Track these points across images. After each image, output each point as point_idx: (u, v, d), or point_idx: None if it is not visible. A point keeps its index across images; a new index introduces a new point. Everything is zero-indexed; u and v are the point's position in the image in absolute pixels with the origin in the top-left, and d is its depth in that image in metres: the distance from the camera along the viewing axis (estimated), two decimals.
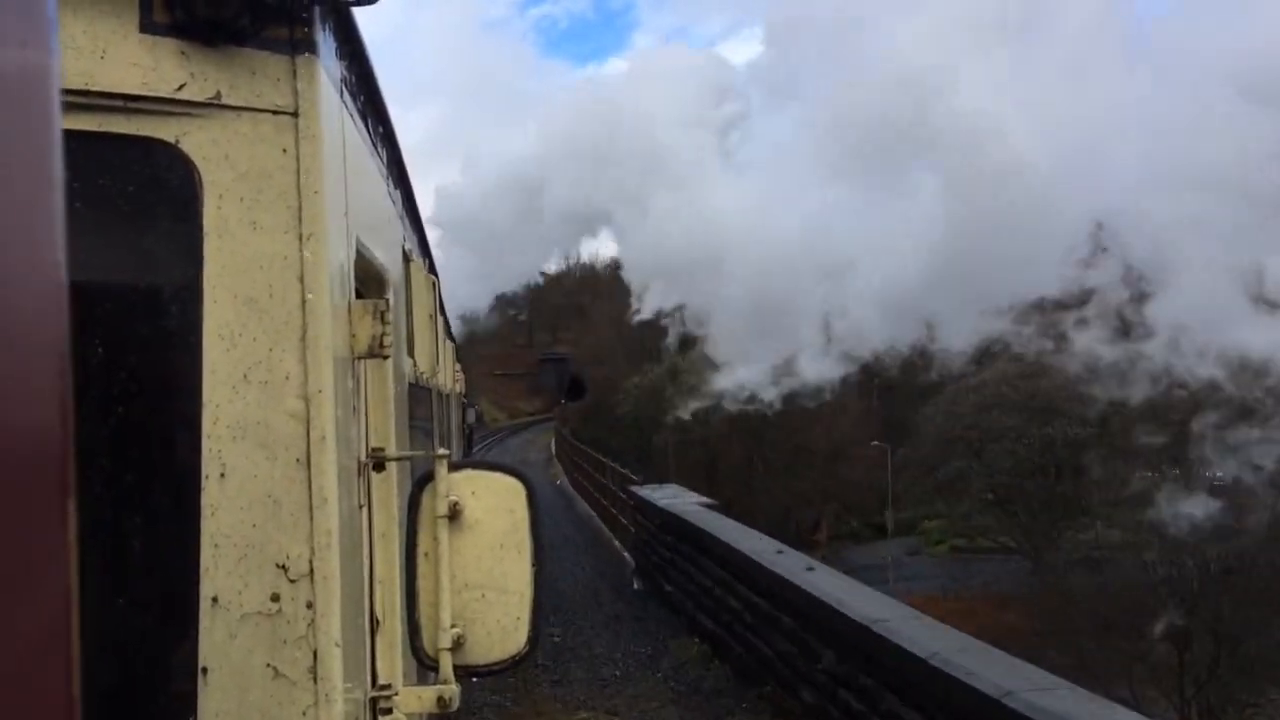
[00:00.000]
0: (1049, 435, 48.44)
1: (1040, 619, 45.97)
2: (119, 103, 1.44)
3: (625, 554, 18.28)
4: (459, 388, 12.07)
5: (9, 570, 0.46)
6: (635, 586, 15.22)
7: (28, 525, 0.47)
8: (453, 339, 11.97)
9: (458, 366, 12.50)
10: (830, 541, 63.02)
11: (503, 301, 76.92)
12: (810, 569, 8.23)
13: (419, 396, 3.73)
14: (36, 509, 0.48)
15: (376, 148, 2.38)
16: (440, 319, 5.64)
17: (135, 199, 1.47)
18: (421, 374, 3.86)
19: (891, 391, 77.61)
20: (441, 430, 5.88)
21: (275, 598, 1.46)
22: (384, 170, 2.60)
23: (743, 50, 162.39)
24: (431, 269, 5.20)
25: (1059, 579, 49.18)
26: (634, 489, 16.09)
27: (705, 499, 13.82)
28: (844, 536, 63.88)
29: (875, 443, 62.70)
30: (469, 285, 67.66)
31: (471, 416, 17.99)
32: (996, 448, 49.28)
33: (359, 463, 1.79)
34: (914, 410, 68.99)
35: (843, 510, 67.23)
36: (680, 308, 63.30)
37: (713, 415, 66.15)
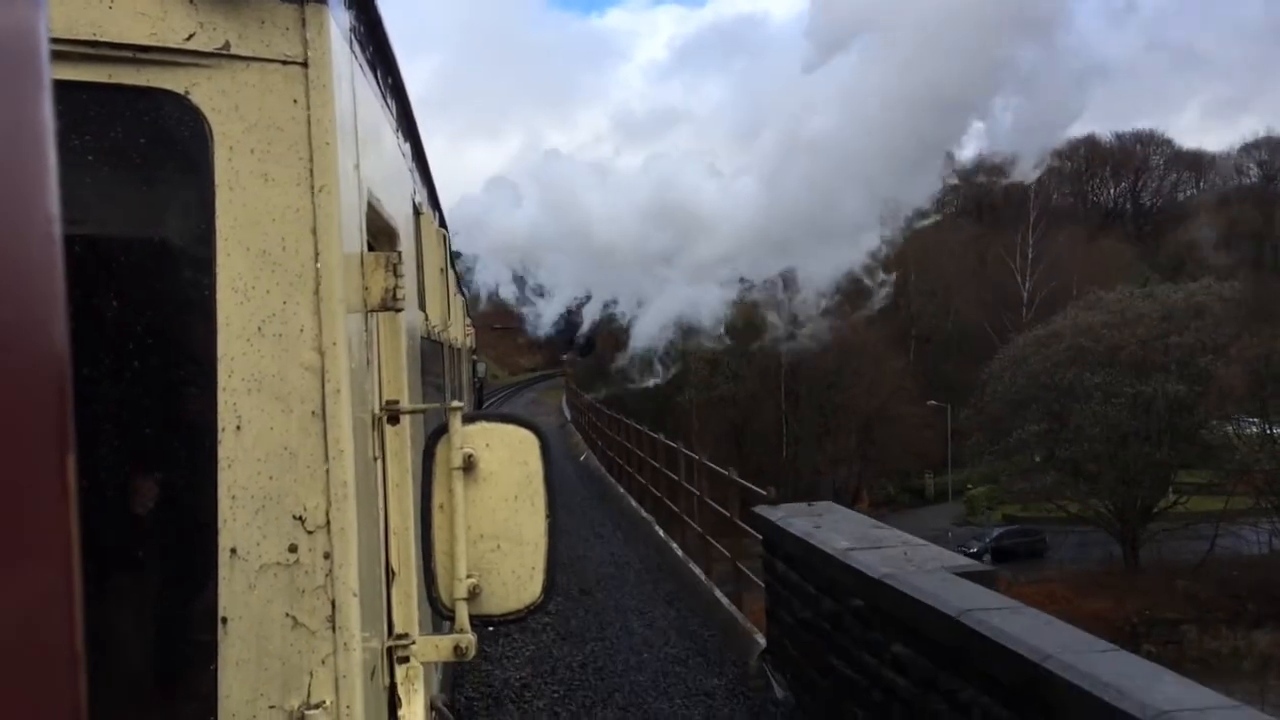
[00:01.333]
0: (1148, 394, 42.77)
1: (1134, 604, 40.99)
2: (128, 53, 1.49)
3: (724, 601, 11.47)
4: (470, 342, 11.70)
5: (4, 528, 0.48)
6: (779, 695, 8.54)
7: (23, 482, 0.49)
8: (464, 293, 11.68)
9: (468, 321, 12.28)
10: (870, 509, 59.29)
11: None
12: None
13: (431, 351, 3.76)
14: (33, 465, 0.50)
15: (386, 99, 2.43)
16: (451, 272, 5.78)
17: (146, 151, 1.53)
18: (433, 328, 3.94)
19: (929, 345, 70.82)
20: (453, 385, 5.91)
21: (293, 548, 1.52)
22: (394, 122, 2.66)
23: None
24: (442, 222, 5.19)
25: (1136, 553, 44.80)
26: (767, 514, 9.20)
27: (973, 562, 7.14)
28: (879, 503, 59.90)
29: (931, 402, 57.21)
30: None
31: (482, 371, 17.57)
32: (1083, 409, 43.91)
33: (373, 415, 1.89)
34: (958, 364, 62.51)
35: (878, 474, 63.64)
36: None
37: (744, 370, 58.46)
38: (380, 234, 2.24)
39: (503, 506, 1.96)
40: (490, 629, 2.27)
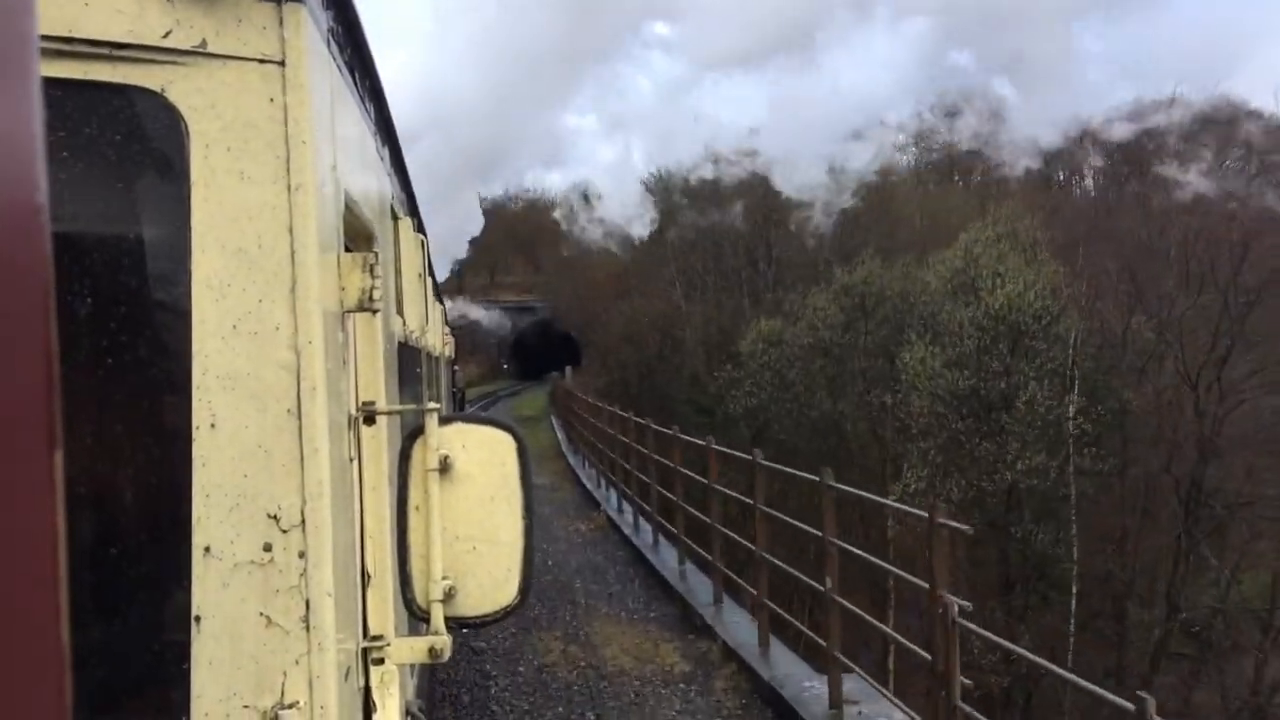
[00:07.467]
0: None
1: None
2: (104, 50, 1.49)
3: None
4: (449, 350, 11.59)
5: None
6: None
7: (13, 478, 0.50)
8: (441, 300, 11.57)
9: (447, 329, 12.08)
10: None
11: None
12: None
13: (409, 356, 3.78)
14: (22, 461, 0.50)
15: (365, 102, 2.43)
16: (429, 279, 5.55)
17: (121, 148, 1.52)
18: (411, 333, 3.93)
19: None
20: (432, 392, 6.02)
21: (267, 547, 1.52)
22: (372, 125, 2.63)
23: None
24: (420, 228, 5.14)
25: None
26: None
27: None
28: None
29: None
30: None
31: (461, 380, 17.14)
32: None
33: (349, 416, 1.87)
34: None
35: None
36: None
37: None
38: (358, 236, 2.24)
39: (479, 508, 1.95)
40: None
